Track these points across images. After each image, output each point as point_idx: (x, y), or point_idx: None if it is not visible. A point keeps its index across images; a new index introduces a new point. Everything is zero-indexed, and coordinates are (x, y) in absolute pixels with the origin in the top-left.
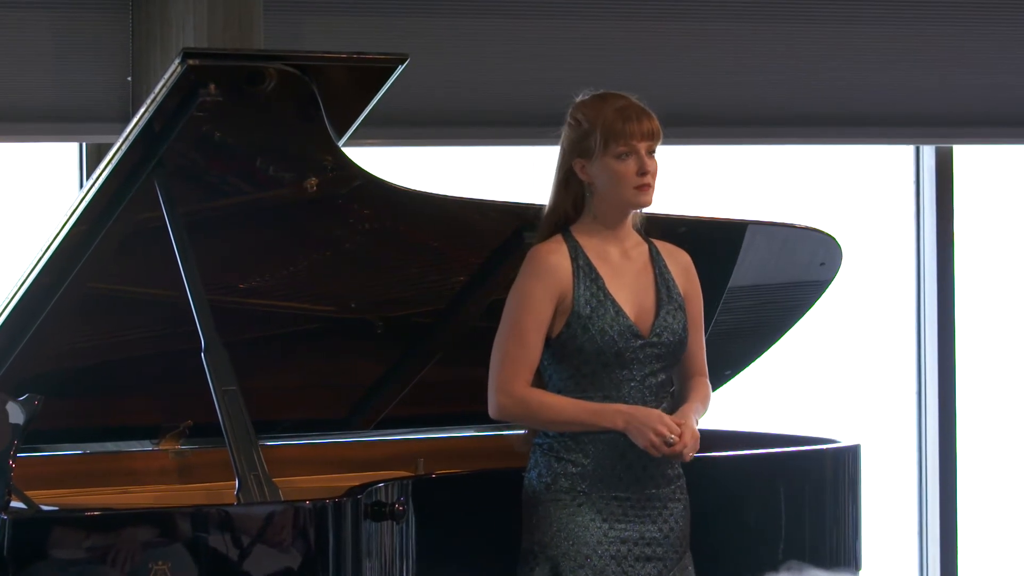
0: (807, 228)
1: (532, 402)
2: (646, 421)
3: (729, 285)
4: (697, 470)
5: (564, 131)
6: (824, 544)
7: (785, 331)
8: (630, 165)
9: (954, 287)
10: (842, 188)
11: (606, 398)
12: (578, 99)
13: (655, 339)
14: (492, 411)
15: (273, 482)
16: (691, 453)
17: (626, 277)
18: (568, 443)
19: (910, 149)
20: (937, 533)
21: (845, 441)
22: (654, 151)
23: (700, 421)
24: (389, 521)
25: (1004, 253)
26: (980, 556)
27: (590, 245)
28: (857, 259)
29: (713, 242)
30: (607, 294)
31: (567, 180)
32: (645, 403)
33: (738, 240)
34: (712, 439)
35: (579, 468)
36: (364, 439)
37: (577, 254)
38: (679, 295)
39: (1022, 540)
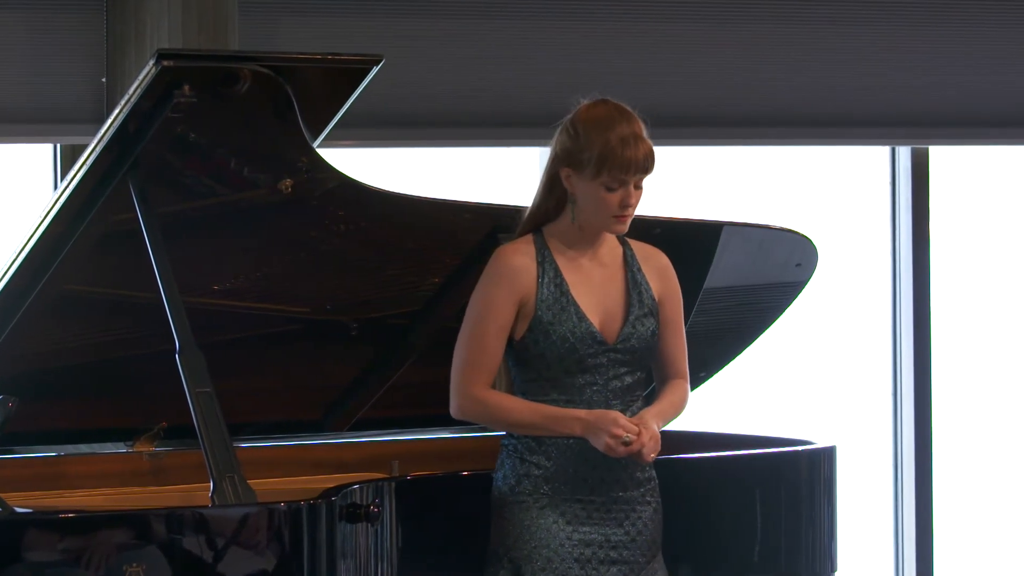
0: (783, 229)
1: (490, 405)
2: (601, 425)
3: (705, 286)
4: (671, 472)
5: (560, 135)
6: (800, 546)
7: (761, 332)
8: (615, 196)
9: (930, 288)
10: (818, 189)
11: (569, 402)
12: (584, 106)
13: (620, 345)
14: (452, 411)
15: (248, 484)
16: (651, 454)
17: (594, 281)
18: (531, 445)
19: (886, 150)
20: (913, 534)
21: (821, 442)
22: (642, 182)
23: (671, 423)
24: (364, 523)
25: (980, 254)
26: (956, 557)
27: (560, 247)
28: (833, 260)
29: (689, 243)
30: (570, 299)
31: (552, 184)
32: (608, 406)
33: (714, 241)
34: (686, 441)
35: (542, 470)
36: (339, 441)
37: (544, 256)
38: (651, 299)
39: (997, 541)
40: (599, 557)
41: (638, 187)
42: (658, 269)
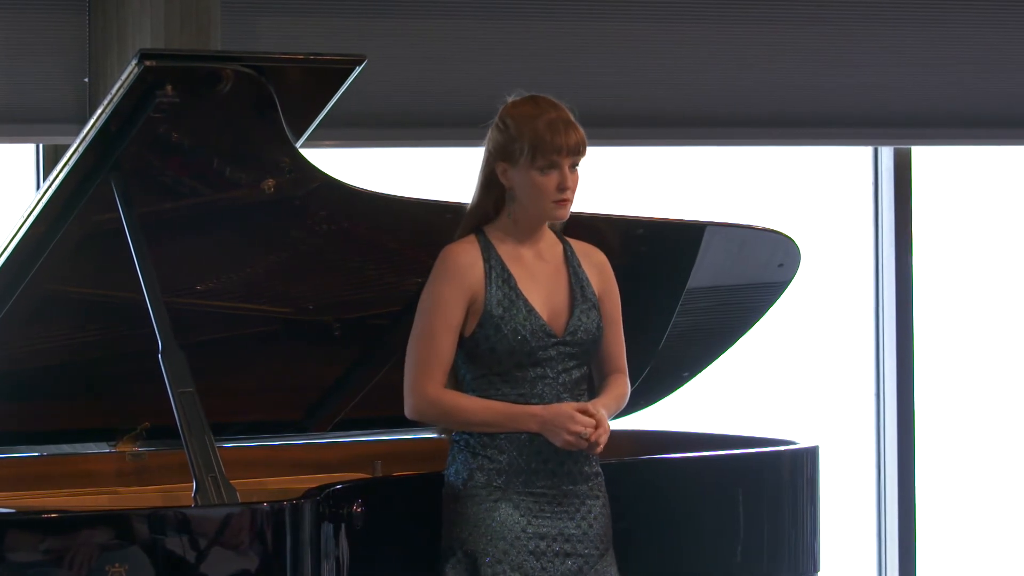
0: (765, 229)
1: (445, 404)
2: (559, 423)
3: (687, 286)
4: (654, 472)
5: (491, 132)
6: (783, 546)
7: (743, 333)
8: (552, 179)
9: (913, 288)
10: (801, 189)
11: (520, 396)
12: (510, 101)
13: (569, 338)
14: (407, 412)
15: (230, 484)
16: (601, 445)
17: (539, 277)
18: (484, 439)
19: (869, 150)
20: (896, 533)
21: (804, 442)
22: (577, 164)
23: (618, 417)
24: (347, 523)
25: (963, 254)
26: (938, 556)
27: (503, 245)
28: (816, 260)
29: (671, 243)
30: (519, 294)
31: (489, 181)
32: (559, 399)
33: (696, 241)
34: (669, 441)
35: (495, 464)
36: (321, 441)
37: (489, 254)
38: (593, 294)
39: (980, 540)
40: (554, 550)
41: (573, 169)
42: (597, 266)
